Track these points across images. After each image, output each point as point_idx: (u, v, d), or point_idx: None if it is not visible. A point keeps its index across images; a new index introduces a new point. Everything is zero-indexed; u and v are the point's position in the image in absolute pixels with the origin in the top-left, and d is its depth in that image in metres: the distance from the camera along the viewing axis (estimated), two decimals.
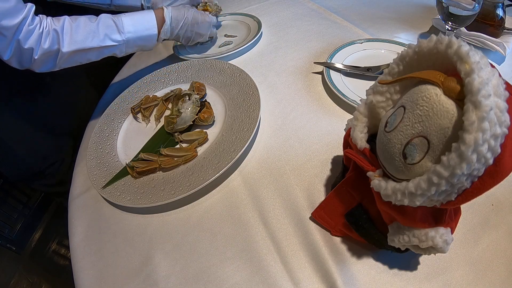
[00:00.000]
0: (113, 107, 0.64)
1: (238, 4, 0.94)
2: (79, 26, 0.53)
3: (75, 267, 0.44)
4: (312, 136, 0.52)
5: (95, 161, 0.54)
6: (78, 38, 0.53)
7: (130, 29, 0.58)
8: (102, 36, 0.55)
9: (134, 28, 0.58)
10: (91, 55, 0.56)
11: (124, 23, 0.57)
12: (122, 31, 0.57)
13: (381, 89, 0.32)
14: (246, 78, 0.61)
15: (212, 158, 0.49)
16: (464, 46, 0.22)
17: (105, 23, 0.56)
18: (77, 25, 0.53)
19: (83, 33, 0.53)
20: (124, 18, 0.58)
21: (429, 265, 0.36)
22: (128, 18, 0.58)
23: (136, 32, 0.59)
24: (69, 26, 0.52)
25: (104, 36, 0.55)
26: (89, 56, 0.56)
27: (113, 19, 0.57)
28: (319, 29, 0.77)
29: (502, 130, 0.21)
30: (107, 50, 0.57)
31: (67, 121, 0.79)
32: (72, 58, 0.54)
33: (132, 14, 0.59)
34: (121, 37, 0.57)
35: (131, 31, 0.58)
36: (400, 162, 0.26)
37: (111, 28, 0.56)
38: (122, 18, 0.57)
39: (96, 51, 0.56)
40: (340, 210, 0.37)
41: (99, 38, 0.55)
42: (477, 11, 0.51)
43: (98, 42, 0.55)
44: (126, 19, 0.58)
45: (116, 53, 0.59)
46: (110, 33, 0.56)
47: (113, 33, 0.56)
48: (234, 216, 0.44)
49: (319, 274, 0.37)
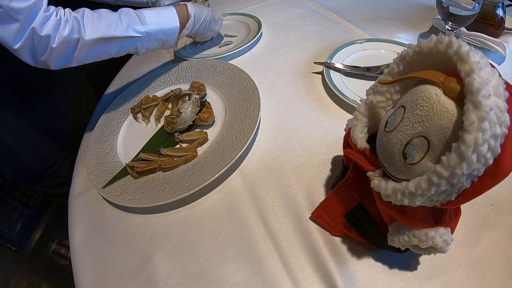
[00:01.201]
0: (113, 107, 0.64)
1: (238, 4, 0.94)
2: (101, 16, 0.51)
3: (75, 267, 0.44)
4: (312, 136, 0.52)
5: (95, 161, 0.54)
6: (100, 26, 0.50)
7: (153, 21, 0.56)
8: (125, 25, 0.52)
9: (156, 20, 0.56)
10: (112, 48, 0.53)
11: (146, 15, 0.56)
12: (145, 23, 0.55)
13: (381, 89, 0.32)
14: (246, 78, 0.61)
15: (212, 158, 0.49)
16: (464, 46, 0.22)
17: (127, 14, 0.54)
18: (98, 14, 0.51)
19: (106, 22, 0.51)
20: (145, 11, 0.56)
21: (429, 265, 0.36)
22: (149, 11, 0.57)
23: (158, 24, 0.57)
24: (90, 15, 0.50)
25: (127, 26, 0.53)
26: (110, 50, 0.53)
27: (134, 11, 0.55)
28: (319, 29, 0.77)
29: (502, 130, 0.21)
30: (129, 43, 0.55)
31: (67, 121, 0.79)
32: (92, 50, 0.51)
33: (153, 9, 0.58)
34: (144, 28, 0.55)
35: (154, 23, 0.56)
36: (400, 162, 0.26)
37: (134, 19, 0.54)
38: (143, 11, 0.56)
39: (118, 43, 0.53)
40: (340, 210, 0.37)
41: (122, 27, 0.52)
42: (477, 11, 0.51)
43: (122, 31, 0.52)
44: (147, 12, 0.56)
45: (138, 47, 0.56)
46: (133, 23, 0.54)
47: (136, 24, 0.54)
48: (234, 216, 0.44)
49: (319, 274, 0.37)
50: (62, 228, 1.26)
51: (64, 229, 0.50)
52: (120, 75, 0.78)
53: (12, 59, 0.51)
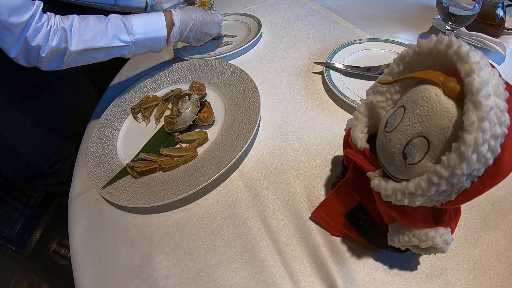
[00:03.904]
0: (113, 107, 0.64)
1: (238, 4, 0.94)
2: (88, 25, 0.53)
3: (75, 267, 0.44)
4: (312, 136, 0.52)
5: (95, 161, 0.54)
6: (86, 37, 0.52)
7: (139, 30, 0.57)
8: (111, 36, 0.54)
9: (143, 29, 0.57)
10: (99, 55, 0.55)
11: (134, 24, 0.56)
12: (131, 32, 0.56)
13: (381, 89, 0.32)
14: (246, 78, 0.61)
15: (212, 158, 0.49)
16: (464, 46, 0.22)
17: (114, 23, 0.55)
18: (86, 24, 0.52)
19: (92, 32, 0.52)
20: (134, 19, 0.57)
21: (429, 265, 0.36)
22: (138, 19, 0.57)
23: (145, 33, 0.58)
24: (77, 25, 0.52)
25: (113, 37, 0.54)
26: (97, 56, 0.55)
27: (122, 19, 0.56)
28: (319, 29, 0.77)
29: (502, 130, 0.21)
30: (116, 51, 0.56)
31: (68, 121, 0.79)
32: (79, 57, 0.53)
33: (142, 16, 0.58)
34: (130, 38, 0.56)
35: (140, 32, 0.57)
36: (400, 162, 0.26)
37: (120, 28, 0.55)
38: (132, 19, 0.57)
39: (104, 51, 0.55)
40: (340, 210, 0.37)
41: (107, 38, 0.54)
42: (477, 11, 0.51)
43: (107, 42, 0.54)
44: (135, 20, 0.57)
45: (125, 54, 0.58)
46: (119, 33, 0.55)
47: (122, 33, 0.55)
48: (234, 216, 0.44)
49: (319, 274, 0.37)
50: (62, 228, 1.25)
51: (64, 229, 0.50)
52: (120, 75, 0.78)
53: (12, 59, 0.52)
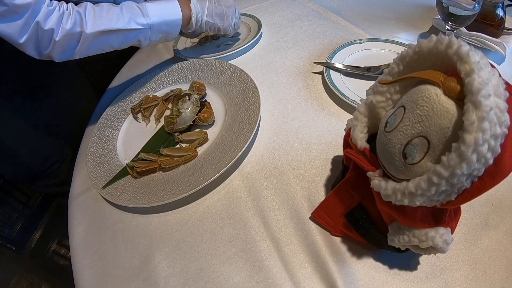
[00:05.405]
0: (113, 107, 0.64)
1: (238, 4, 0.94)
2: (103, 9, 0.52)
3: (75, 267, 0.44)
4: (312, 136, 0.52)
5: (95, 161, 0.54)
6: (102, 20, 0.51)
7: (155, 13, 0.56)
8: (127, 19, 0.53)
9: (159, 12, 0.57)
10: (114, 40, 0.54)
11: (148, 8, 0.56)
12: (147, 15, 0.55)
13: (381, 89, 0.32)
14: (246, 78, 0.61)
15: (212, 158, 0.49)
16: (464, 46, 0.22)
17: (129, 7, 0.54)
18: (100, 8, 0.52)
19: (108, 16, 0.51)
20: (148, 4, 0.57)
21: (429, 265, 0.36)
22: (152, 4, 0.57)
23: (161, 16, 0.57)
24: (91, 9, 0.51)
25: (129, 19, 0.53)
26: (113, 42, 0.54)
27: (137, 4, 0.56)
28: (319, 29, 0.77)
29: (502, 130, 0.21)
30: (132, 35, 0.55)
31: (67, 121, 0.79)
32: (94, 43, 0.52)
33: (155, 2, 0.58)
34: (146, 20, 0.55)
35: (156, 15, 0.56)
36: (400, 162, 0.26)
37: (136, 11, 0.54)
38: (146, 4, 0.56)
39: (120, 36, 0.54)
40: (340, 210, 0.37)
41: (124, 20, 0.53)
42: (477, 11, 0.51)
43: (124, 24, 0.53)
44: (149, 5, 0.56)
45: (141, 39, 0.57)
46: (134, 16, 0.54)
47: (138, 16, 0.54)
48: (234, 216, 0.44)
49: (319, 274, 0.37)
50: (62, 228, 1.26)
51: (64, 229, 0.50)
52: (120, 75, 0.78)
53: (12, 59, 0.51)
